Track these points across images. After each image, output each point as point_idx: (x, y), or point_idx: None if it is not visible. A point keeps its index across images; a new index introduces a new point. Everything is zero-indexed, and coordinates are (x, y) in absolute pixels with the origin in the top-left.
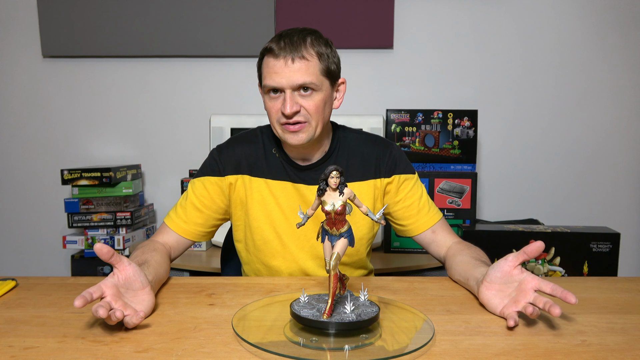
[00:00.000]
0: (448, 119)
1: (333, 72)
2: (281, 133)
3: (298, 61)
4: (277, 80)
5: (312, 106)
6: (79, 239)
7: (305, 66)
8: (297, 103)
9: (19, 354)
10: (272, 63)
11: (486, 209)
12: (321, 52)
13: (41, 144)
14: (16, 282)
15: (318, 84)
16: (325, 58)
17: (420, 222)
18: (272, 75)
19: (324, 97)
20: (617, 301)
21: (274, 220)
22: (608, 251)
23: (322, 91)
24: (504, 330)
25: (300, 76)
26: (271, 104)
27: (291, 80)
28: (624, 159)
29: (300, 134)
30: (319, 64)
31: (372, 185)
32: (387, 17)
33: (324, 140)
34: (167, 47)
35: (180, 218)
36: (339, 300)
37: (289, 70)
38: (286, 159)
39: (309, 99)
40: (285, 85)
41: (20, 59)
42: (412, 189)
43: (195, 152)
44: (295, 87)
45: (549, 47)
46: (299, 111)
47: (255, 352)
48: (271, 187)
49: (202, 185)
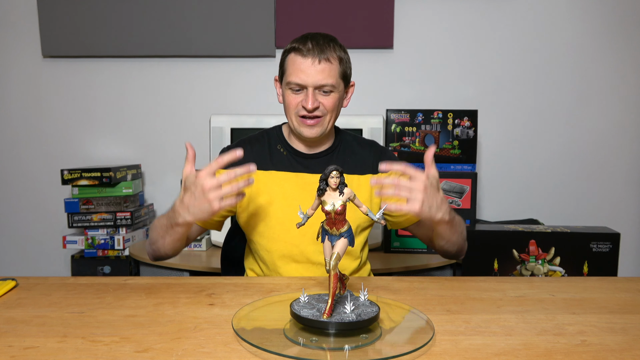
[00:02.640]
0: (448, 119)
1: (348, 76)
2: (297, 125)
3: (323, 63)
4: (303, 78)
5: (330, 104)
6: (79, 239)
7: (329, 68)
8: (317, 100)
9: (19, 354)
10: (299, 61)
11: (486, 209)
12: (341, 57)
13: (41, 144)
14: (16, 282)
15: (336, 85)
16: (344, 63)
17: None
18: (298, 73)
19: (340, 97)
20: (617, 301)
21: (279, 207)
22: (608, 251)
23: (338, 92)
24: (504, 330)
25: (323, 77)
26: (292, 98)
27: (315, 80)
28: (624, 159)
29: (315, 127)
30: (339, 68)
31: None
32: (387, 17)
33: (329, 136)
34: (167, 47)
35: None
36: (339, 300)
37: (315, 70)
38: (292, 151)
39: (327, 98)
40: (310, 83)
41: (20, 59)
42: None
43: (196, 152)
44: (317, 86)
45: (548, 47)
46: (318, 107)
47: (255, 352)
48: (277, 177)
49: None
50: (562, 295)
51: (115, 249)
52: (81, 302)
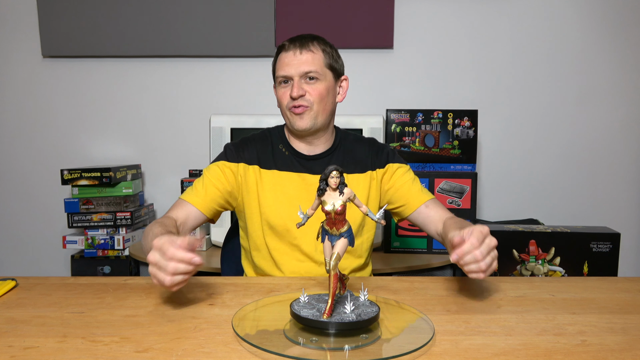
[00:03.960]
0: (448, 119)
1: (336, 68)
2: (290, 117)
3: (305, 53)
4: (287, 69)
5: (316, 93)
6: (79, 239)
7: (312, 57)
8: (302, 88)
9: (19, 354)
10: (283, 56)
11: (486, 209)
12: (325, 50)
13: (41, 144)
14: (16, 282)
15: (322, 73)
16: (328, 54)
17: (413, 201)
18: (283, 66)
19: (327, 87)
20: (617, 301)
21: (281, 206)
22: (608, 251)
23: (326, 81)
24: (504, 330)
25: (306, 65)
26: (282, 92)
27: (299, 69)
28: (624, 158)
29: (305, 117)
30: (323, 58)
31: (368, 177)
32: (387, 17)
33: (328, 135)
34: (167, 47)
35: (198, 194)
36: (339, 300)
37: (297, 60)
38: (293, 152)
39: (313, 86)
40: (294, 73)
41: (20, 59)
42: (404, 175)
43: (195, 152)
44: (302, 75)
45: (548, 47)
46: (304, 95)
47: (255, 352)
48: (279, 177)
49: (217, 167)
50: (562, 295)
51: (115, 249)
52: (81, 302)
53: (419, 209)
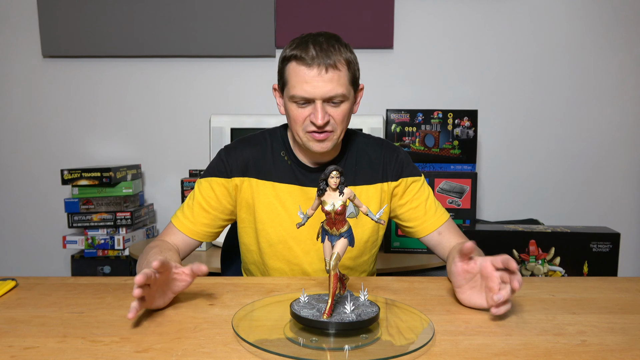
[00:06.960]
0: (448, 119)
1: (357, 80)
2: (305, 140)
3: (331, 71)
4: (309, 90)
5: (340, 116)
6: (79, 239)
7: (337, 77)
8: (327, 114)
9: (19, 354)
10: (303, 72)
11: (486, 209)
12: (349, 60)
13: (41, 144)
14: (16, 282)
15: (347, 94)
16: (352, 65)
17: (426, 224)
18: (303, 85)
19: (350, 106)
20: (617, 301)
21: (280, 223)
22: (608, 251)
23: (349, 100)
24: (504, 330)
25: (332, 88)
26: (297, 112)
27: (324, 92)
28: (624, 159)
29: (326, 142)
30: (347, 74)
31: (379, 189)
32: (387, 17)
33: (338, 144)
34: (168, 47)
35: (187, 218)
36: (339, 300)
37: (322, 81)
38: (296, 162)
39: (337, 109)
40: (318, 96)
41: (20, 59)
42: (419, 191)
43: (195, 152)
44: (326, 99)
45: (548, 47)
46: (329, 122)
47: (255, 352)
48: (278, 190)
49: (209, 185)
50: (562, 295)
51: (115, 249)
52: (81, 302)
53: (431, 234)
